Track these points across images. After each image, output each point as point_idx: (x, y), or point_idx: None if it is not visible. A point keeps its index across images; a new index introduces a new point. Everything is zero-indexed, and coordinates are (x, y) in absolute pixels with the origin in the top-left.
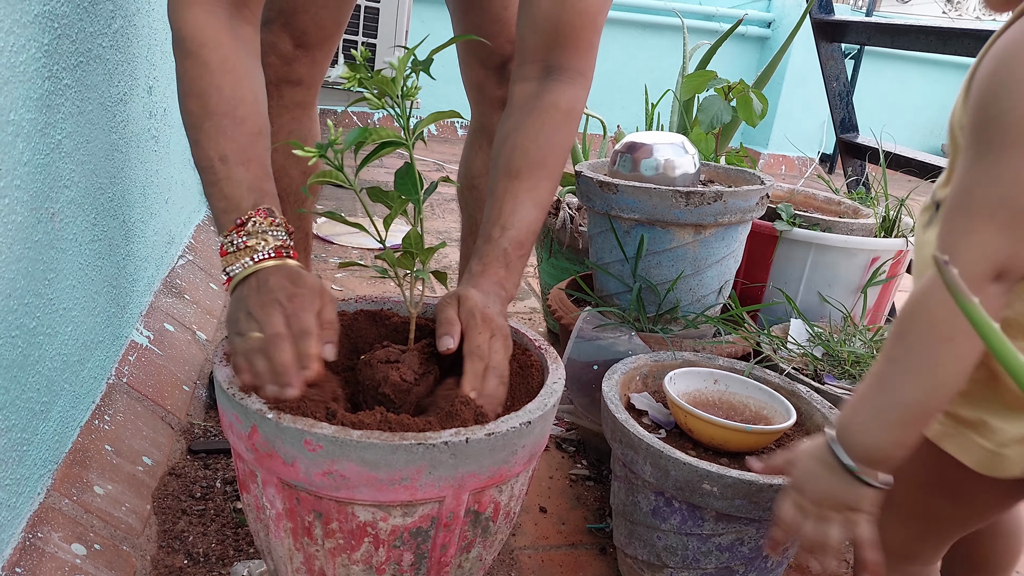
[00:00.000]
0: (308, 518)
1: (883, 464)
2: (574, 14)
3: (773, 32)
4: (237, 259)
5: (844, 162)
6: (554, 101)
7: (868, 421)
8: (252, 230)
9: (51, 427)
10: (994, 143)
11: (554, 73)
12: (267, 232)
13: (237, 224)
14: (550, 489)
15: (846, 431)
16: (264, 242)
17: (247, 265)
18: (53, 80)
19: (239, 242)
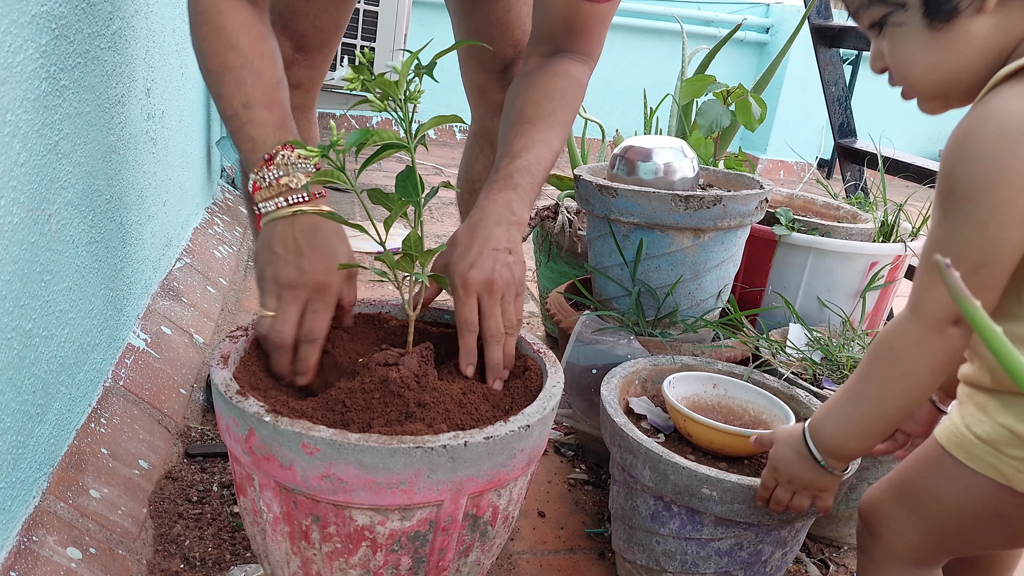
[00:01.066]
0: (305, 522)
1: (846, 461)
2: (586, 17)
3: (772, 37)
4: (270, 195)
5: (842, 167)
6: (564, 68)
7: (836, 427)
8: (281, 162)
9: (47, 430)
10: (950, 209)
11: (562, 52)
12: (296, 165)
13: (265, 159)
14: (549, 493)
15: (818, 431)
16: (296, 179)
17: (281, 206)
18: (51, 81)
19: (271, 177)
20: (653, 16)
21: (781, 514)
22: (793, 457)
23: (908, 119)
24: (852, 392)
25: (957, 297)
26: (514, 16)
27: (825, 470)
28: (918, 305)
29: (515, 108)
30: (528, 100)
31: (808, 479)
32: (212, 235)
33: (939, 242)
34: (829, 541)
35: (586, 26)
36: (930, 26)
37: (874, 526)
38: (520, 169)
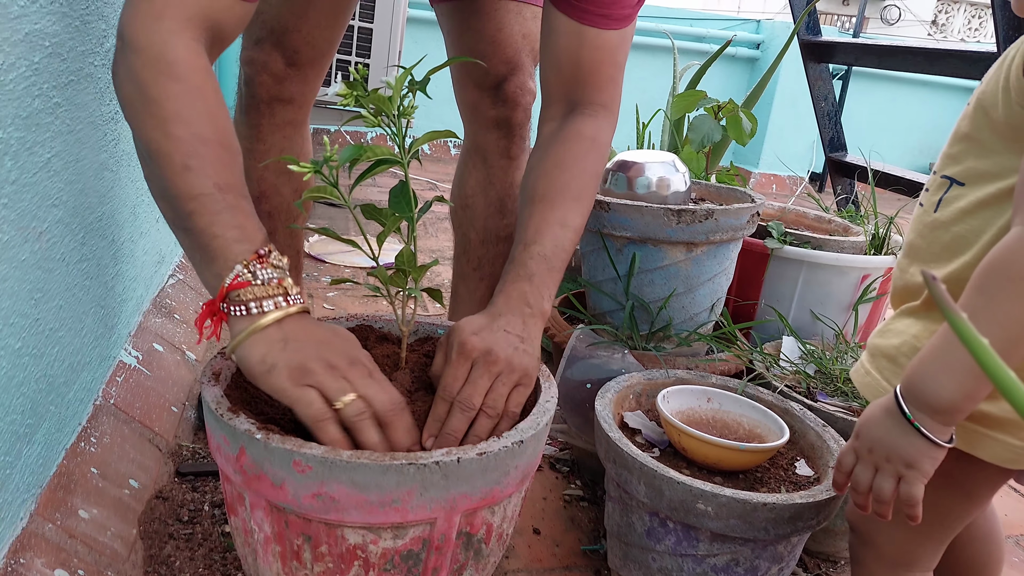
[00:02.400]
0: (297, 541)
1: (951, 416)
2: (592, 50)
3: (762, 53)
4: (267, 295)
5: (833, 181)
6: (577, 130)
7: (938, 371)
8: (276, 264)
9: (35, 450)
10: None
11: (577, 108)
12: (286, 271)
13: (259, 255)
14: (544, 510)
15: (913, 381)
16: (290, 284)
17: (280, 305)
18: (43, 99)
19: (267, 276)
20: (645, 33)
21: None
22: (880, 416)
23: (898, 133)
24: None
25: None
26: (506, 34)
27: (914, 427)
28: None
29: (528, 185)
30: (540, 175)
31: (893, 445)
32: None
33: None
34: (826, 556)
35: (594, 63)
36: None
37: (863, 533)
38: (535, 256)
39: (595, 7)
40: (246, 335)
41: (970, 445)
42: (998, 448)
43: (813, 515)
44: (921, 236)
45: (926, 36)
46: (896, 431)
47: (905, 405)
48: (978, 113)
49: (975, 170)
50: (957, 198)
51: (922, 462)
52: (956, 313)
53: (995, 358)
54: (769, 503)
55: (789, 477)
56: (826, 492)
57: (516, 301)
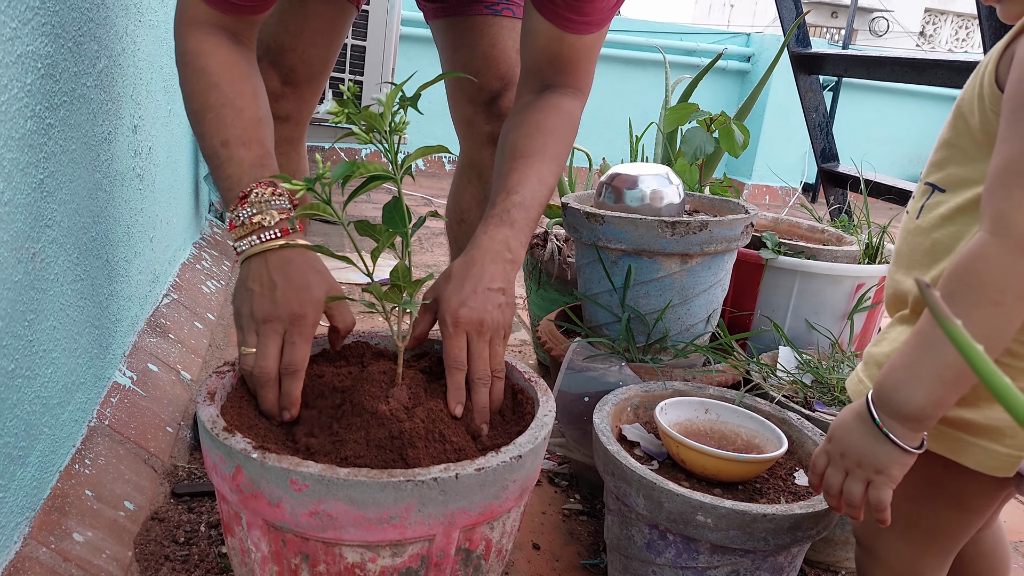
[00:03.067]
0: (294, 561)
1: (920, 423)
2: (571, 50)
3: (753, 66)
4: (244, 234)
5: (826, 191)
6: (556, 102)
7: (907, 378)
8: (254, 200)
9: (29, 473)
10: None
11: (552, 86)
12: (270, 202)
13: (240, 197)
14: (543, 525)
15: (884, 388)
16: (269, 216)
17: (254, 243)
18: (36, 120)
19: (244, 216)
20: (637, 47)
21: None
22: (851, 420)
23: (888, 143)
24: (921, 336)
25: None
26: (499, 50)
27: (883, 434)
28: (1004, 225)
29: (508, 143)
30: (520, 135)
31: (863, 451)
32: (200, 270)
33: None
34: (826, 566)
35: (572, 58)
36: None
37: (869, 547)
38: (516, 205)
39: (576, 15)
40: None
41: (955, 452)
42: (982, 455)
43: (813, 525)
44: (905, 243)
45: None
46: (867, 437)
47: (876, 411)
48: (958, 120)
49: (956, 176)
50: (938, 204)
51: (891, 468)
52: (949, 319)
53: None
54: (769, 514)
55: (788, 487)
56: (825, 502)
57: (499, 246)
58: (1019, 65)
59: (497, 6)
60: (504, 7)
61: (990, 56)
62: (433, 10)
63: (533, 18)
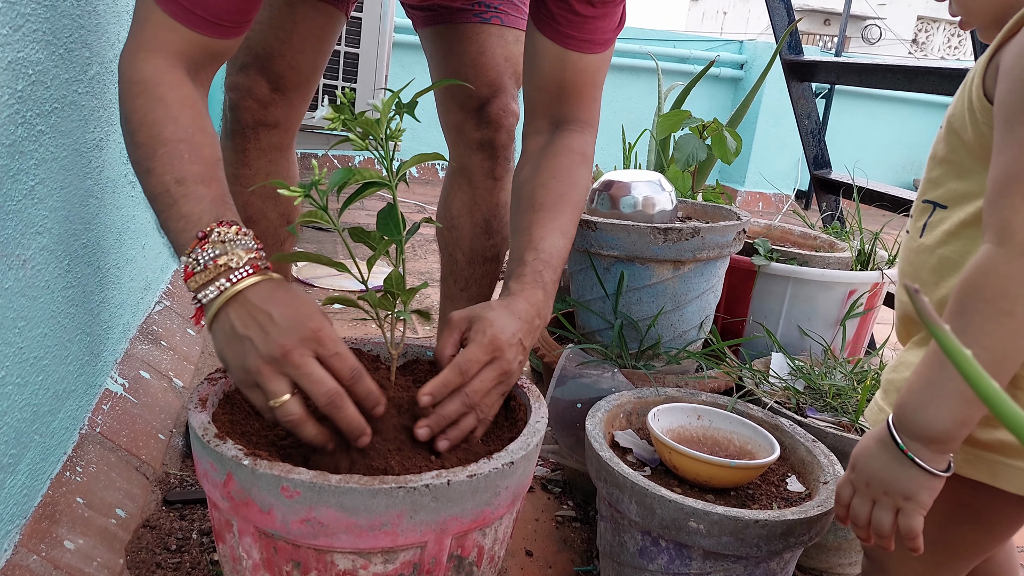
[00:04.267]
0: (286, 568)
1: (945, 444)
2: (575, 73)
3: (746, 73)
4: (207, 280)
5: (819, 197)
6: (567, 145)
7: (928, 399)
8: (217, 239)
9: (19, 480)
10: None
11: (562, 125)
12: (235, 241)
13: (199, 238)
14: (536, 532)
15: (904, 410)
16: (236, 256)
17: (224, 288)
18: (26, 126)
19: (205, 258)
20: (630, 54)
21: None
22: (874, 448)
23: (880, 150)
24: (937, 355)
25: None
26: (488, 57)
27: (907, 457)
28: (1009, 234)
29: (525, 194)
30: (537, 185)
31: (889, 479)
32: None
33: None
34: (819, 572)
35: (577, 85)
36: None
37: (878, 561)
38: (545, 264)
39: (578, 32)
40: (209, 328)
41: (992, 476)
42: (1011, 474)
43: (805, 531)
44: (910, 263)
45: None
46: (892, 464)
47: (898, 436)
48: (951, 136)
49: (956, 191)
50: (941, 221)
51: (920, 494)
52: (941, 327)
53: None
54: (761, 520)
55: (780, 493)
56: (818, 508)
57: (532, 309)
58: (1006, 75)
59: (485, 14)
60: (492, 15)
61: (975, 69)
62: (422, 18)
63: (535, 39)
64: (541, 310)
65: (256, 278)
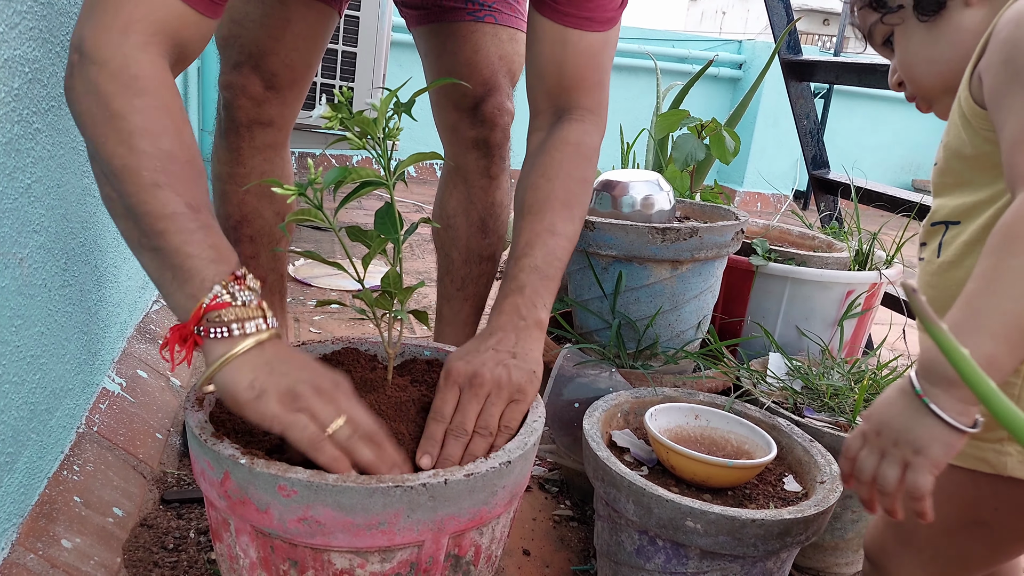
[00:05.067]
0: (283, 567)
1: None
2: (576, 54)
3: (744, 73)
4: (250, 316)
5: (817, 198)
6: (563, 137)
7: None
8: (253, 286)
9: (16, 479)
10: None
11: (563, 115)
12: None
13: (236, 276)
14: (533, 531)
15: (927, 352)
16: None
17: (261, 328)
18: (23, 124)
19: (246, 297)
20: (628, 54)
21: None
22: (892, 395)
23: (879, 150)
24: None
25: (924, 320)
26: (482, 56)
27: (923, 403)
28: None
29: (518, 199)
30: (527, 187)
31: (901, 426)
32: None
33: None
34: (816, 572)
35: (578, 67)
36: (921, 19)
37: (879, 565)
38: (525, 268)
39: (576, 10)
40: (225, 360)
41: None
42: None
43: (802, 530)
44: (933, 287)
45: None
46: (907, 411)
47: (918, 380)
48: (951, 161)
49: (965, 205)
50: (957, 235)
51: (931, 447)
52: (938, 327)
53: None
54: (758, 519)
55: (777, 493)
56: (814, 507)
57: (508, 315)
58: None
59: (479, 12)
60: (486, 13)
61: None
62: (416, 17)
63: (535, 23)
64: (522, 311)
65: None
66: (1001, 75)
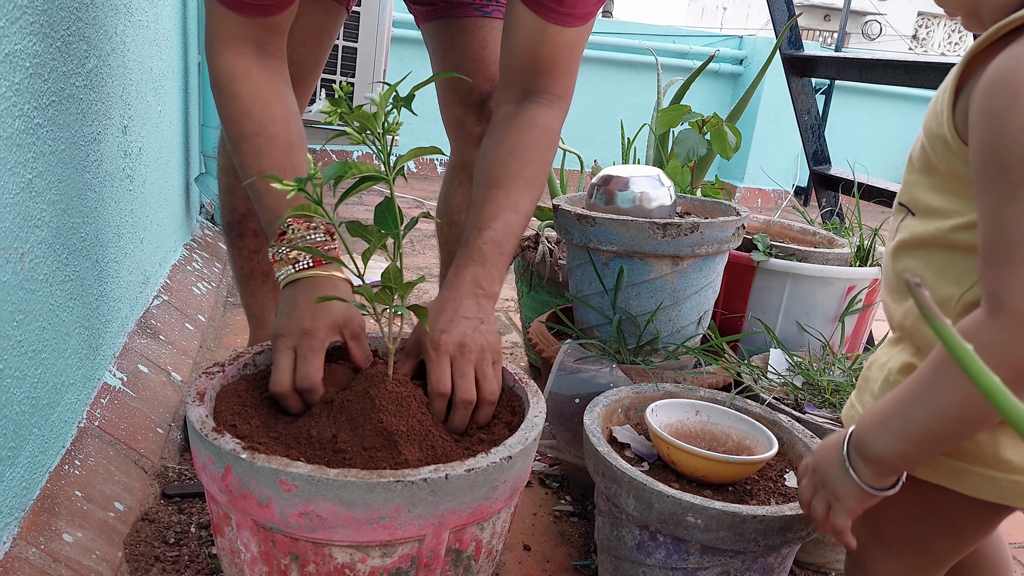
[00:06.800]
0: (284, 561)
1: (881, 468)
2: (552, 46)
3: (745, 69)
4: (282, 266)
5: (818, 194)
6: (531, 118)
7: (879, 423)
8: (291, 237)
9: (18, 473)
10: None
11: (532, 96)
12: (304, 237)
13: (279, 233)
14: (534, 526)
15: (861, 423)
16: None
17: (289, 273)
18: (24, 119)
19: (283, 252)
20: (629, 50)
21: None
22: (831, 443)
23: (880, 146)
24: (907, 391)
25: (929, 317)
26: (490, 52)
27: (845, 467)
28: (1000, 305)
29: (482, 169)
30: (495, 160)
31: (828, 475)
32: (191, 272)
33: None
34: (816, 567)
35: (553, 58)
36: None
37: (858, 559)
38: (488, 241)
39: (559, 5)
40: None
41: (954, 480)
42: (981, 483)
43: (803, 526)
44: (887, 264)
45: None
46: (835, 465)
47: (848, 443)
48: (924, 148)
49: (923, 203)
50: (906, 229)
51: (847, 499)
52: (942, 322)
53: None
54: (759, 515)
55: (778, 489)
56: None
57: (469, 284)
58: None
59: (487, 8)
60: (493, 9)
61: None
62: (423, 13)
63: (515, 9)
64: (481, 281)
65: (312, 273)
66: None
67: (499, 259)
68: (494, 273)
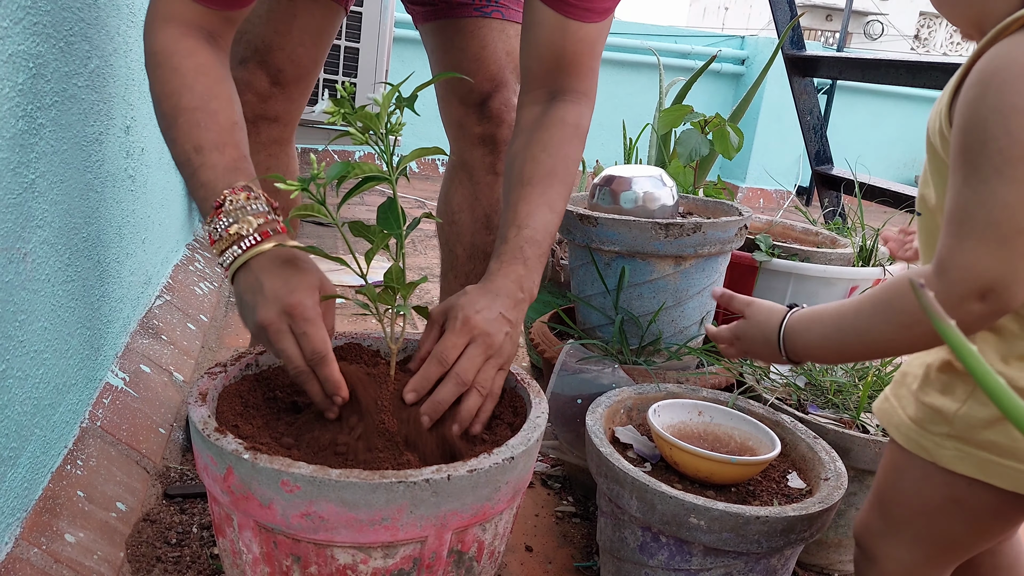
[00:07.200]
0: (286, 562)
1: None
2: (575, 42)
3: (747, 69)
4: (225, 247)
5: (820, 193)
6: (561, 116)
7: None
8: (229, 208)
9: (20, 473)
10: (982, 167)
11: (558, 95)
12: (245, 208)
13: (215, 207)
14: (536, 527)
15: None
16: (246, 224)
17: (236, 255)
18: (27, 120)
19: (221, 228)
20: (631, 50)
21: None
22: (760, 339)
23: (882, 146)
24: (842, 314)
25: (931, 315)
26: (489, 52)
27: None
28: (944, 270)
29: (515, 168)
30: (527, 159)
31: (764, 356)
32: (192, 272)
33: (965, 204)
34: (820, 569)
35: (576, 54)
36: None
37: (869, 550)
38: (528, 240)
39: (578, 0)
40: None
41: (983, 472)
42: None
43: (806, 527)
44: None
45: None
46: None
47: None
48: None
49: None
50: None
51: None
52: (945, 322)
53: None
54: (762, 516)
55: (781, 490)
56: (818, 504)
57: (512, 284)
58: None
59: (486, 8)
60: (493, 9)
61: (943, 99)
62: (422, 13)
63: (534, 8)
64: (524, 283)
65: (265, 245)
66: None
67: (538, 261)
68: (534, 275)
